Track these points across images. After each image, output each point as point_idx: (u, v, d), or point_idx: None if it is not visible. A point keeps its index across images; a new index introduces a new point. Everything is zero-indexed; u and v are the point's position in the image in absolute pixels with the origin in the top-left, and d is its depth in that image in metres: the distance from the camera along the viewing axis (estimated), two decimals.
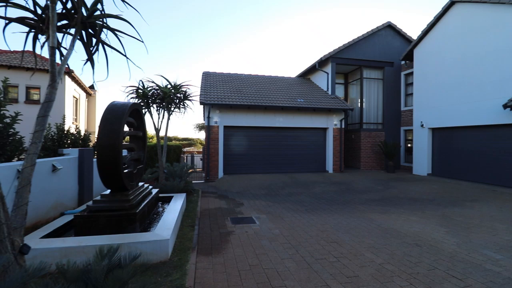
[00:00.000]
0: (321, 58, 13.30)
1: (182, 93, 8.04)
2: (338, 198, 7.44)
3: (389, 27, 14.40)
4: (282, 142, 11.98)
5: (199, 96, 10.56)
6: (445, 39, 10.94)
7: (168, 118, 7.99)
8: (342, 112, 12.33)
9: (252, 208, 6.35)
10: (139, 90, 7.11)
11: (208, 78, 13.15)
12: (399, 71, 14.33)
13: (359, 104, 14.18)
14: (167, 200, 5.97)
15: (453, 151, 10.75)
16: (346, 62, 13.62)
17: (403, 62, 14.17)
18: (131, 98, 7.12)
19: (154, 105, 7.52)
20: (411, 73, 13.26)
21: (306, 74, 15.82)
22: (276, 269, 3.30)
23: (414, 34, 12.50)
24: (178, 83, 7.93)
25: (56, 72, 2.51)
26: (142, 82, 7.25)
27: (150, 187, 5.49)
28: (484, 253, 3.77)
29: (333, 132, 12.27)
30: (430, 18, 11.60)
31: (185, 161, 20.53)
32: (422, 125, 11.85)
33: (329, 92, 13.35)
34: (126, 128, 4.51)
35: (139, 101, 7.23)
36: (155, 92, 7.39)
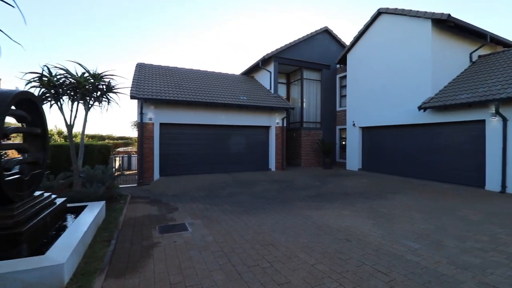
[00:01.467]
0: (264, 56, 13.30)
1: (104, 84, 6.93)
2: (278, 196, 7.39)
3: (326, 32, 15.28)
4: (224, 141, 11.57)
5: (130, 89, 9.42)
6: (373, 46, 12.02)
7: (86, 113, 6.80)
8: (284, 111, 12.55)
9: (187, 213, 5.79)
10: (44, 78, 5.81)
11: (143, 71, 11.90)
12: (335, 74, 15.33)
13: (299, 103, 14.69)
14: (80, 210, 4.98)
15: (379, 148, 11.91)
16: (288, 62, 13.93)
17: (338, 66, 15.21)
18: (31, 87, 5.77)
19: (66, 97, 6.27)
20: (345, 76, 14.29)
21: (250, 72, 15.72)
22: (202, 285, 2.88)
23: (349, 40, 13.47)
24: (99, 72, 6.81)
25: None
26: (48, 68, 5.95)
27: (54, 196, 4.46)
28: (405, 243, 4.01)
29: (276, 131, 12.39)
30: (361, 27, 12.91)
31: (119, 162, 18.43)
32: (354, 125, 12.85)
33: (272, 91, 13.46)
34: (16, 124, 3.50)
35: (44, 91, 5.92)
36: (67, 81, 6.16)
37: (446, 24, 9.54)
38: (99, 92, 7.04)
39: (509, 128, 7.48)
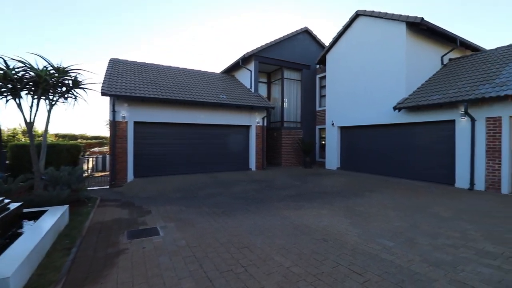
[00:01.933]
0: (244, 55, 13.13)
1: (70, 79, 6.45)
2: (257, 197, 7.26)
3: (306, 32, 15.39)
4: (203, 140, 11.27)
5: (101, 86, 8.89)
6: (351, 47, 12.23)
7: (50, 110, 6.29)
8: (265, 110, 12.45)
9: (161, 216, 5.50)
10: None
11: (116, 66, 11.32)
12: (315, 74, 15.48)
13: (280, 103, 14.67)
14: (40, 216, 4.55)
15: (357, 147, 12.15)
16: (268, 61, 13.86)
17: (318, 66, 15.37)
18: None
19: (25, 93, 5.75)
20: (324, 77, 14.46)
21: (231, 70, 15.49)
22: None
23: (328, 40, 13.63)
24: (64, 65, 6.32)
25: None
26: (5, 61, 5.41)
27: (7, 200, 4.04)
28: (380, 242, 4.01)
29: (256, 130, 12.27)
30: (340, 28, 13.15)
31: (93, 163, 17.53)
32: (333, 124, 13.02)
33: (252, 90, 13.33)
34: None
35: None
36: (27, 75, 5.64)
37: (419, 28, 9.87)
38: (64, 88, 6.55)
39: (477, 128, 7.85)
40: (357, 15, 11.89)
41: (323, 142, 14.79)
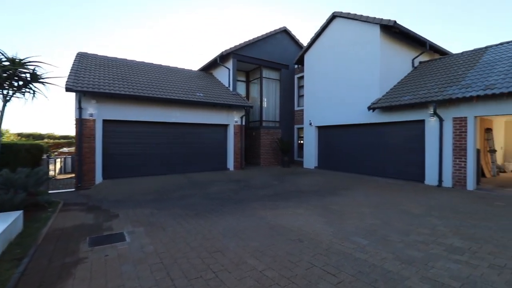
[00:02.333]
0: (222, 52, 12.88)
1: (28, 72, 5.88)
2: (234, 197, 7.08)
3: (285, 32, 15.44)
4: (179, 140, 10.88)
5: (66, 81, 8.26)
6: (328, 48, 12.40)
7: (4, 106, 5.69)
8: (243, 109, 12.28)
9: (129, 220, 5.15)
10: None
11: (84, 61, 10.60)
12: (294, 74, 15.57)
13: (259, 102, 14.58)
14: None
15: (333, 146, 12.34)
16: (247, 60, 13.71)
17: (296, 66, 15.47)
18: None
19: None
20: (303, 77, 14.57)
21: (208, 68, 15.14)
22: None
23: (307, 41, 13.71)
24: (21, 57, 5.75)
25: None
26: None
27: None
28: (354, 240, 4.00)
29: (234, 129, 12.07)
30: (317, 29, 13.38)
31: (61, 164, 16.44)
32: (310, 124, 13.14)
33: (231, 88, 13.11)
34: None
35: None
36: None
37: (392, 30, 10.20)
38: (21, 82, 5.96)
39: (445, 127, 8.23)
40: (334, 16, 12.07)
41: (301, 142, 14.90)
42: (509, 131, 12.43)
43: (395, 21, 9.58)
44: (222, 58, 13.42)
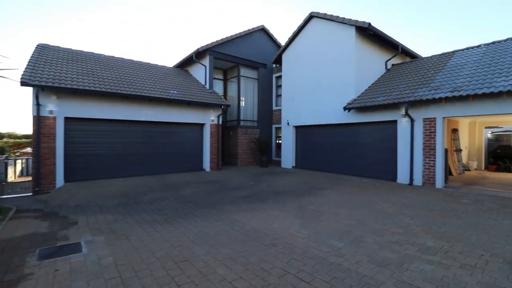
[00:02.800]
0: (198, 49, 12.43)
1: None
2: (208, 199, 6.77)
3: (263, 31, 15.27)
4: (151, 139, 10.33)
5: (22, 74, 7.46)
6: (305, 48, 12.42)
7: None
8: (220, 107, 11.94)
9: (89, 228, 4.67)
10: None
11: (45, 53, 9.70)
12: (272, 73, 15.46)
13: (236, 101, 14.30)
14: None
15: (311, 146, 12.39)
16: (224, 57, 13.37)
17: (274, 65, 15.38)
18: None
19: None
20: (281, 76, 14.50)
21: (184, 65, 14.59)
22: None
23: (284, 40, 13.61)
24: None
25: None
26: None
27: None
28: (329, 243, 3.89)
29: (211, 128, 11.70)
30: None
31: (22, 166, 15.13)
32: (288, 124, 13.10)
33: (207, 86, 12.71)
34: None
35: None
36: None
37: (367, 32, 10.39)
38: None
39: (416, 127, 8.48)
40: (311, 16, 12.10)
41: (280, 142, 14.84)
42: (472, 132, 13.22)
43: (369, 23, 9.76)
44: (198, 55, 12.98)
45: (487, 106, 7.06)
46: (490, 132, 13.92)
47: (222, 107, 11.89)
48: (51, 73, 8.28)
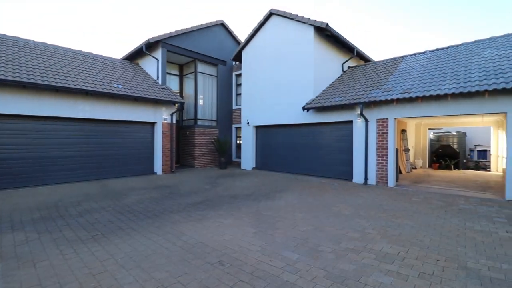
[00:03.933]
0: (148, 40, 11.30)
1: None
2: (153, 209, 5.95)
3: (222, 26, 14.63)
4: (94, 139, 9.05)
5: None
6: (265, 46, 12.11)
7: None
8: (173, 105, 11.02)
9: None
10: None
11: None
12: (232, 71, 14.90)
13: (193, 99, 13.44)
14: None
15: (270, 146, 12.11)
16: (179, 51, 12.43)
17: (234, 63, 14.83)
18: None
19: None
20: (241, 74, 14.03)
21: (134, 58, 13.24)
22: None
23: (244, 37, 13.10)
24: None
25: None
26: None
27: None
28: (284, 256, 3.47)
29: (163, 128, 10.72)
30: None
31: None
32: (248, 123, 12.67)
33: (159, 81, 11.65)
34: None
35: None
36: None
37: (325, 33, 10.43)
38: None
39: (370, 128, 8.65)
40: (271, 14, 11.83)
41: (240, 142, 14.36)
42: (418, 133, 14.24)
43: (327, 24, 9.77)
44: (148, 47, 11.83)
45: (434, 108, 7.42)
46: (432, 133, 15.18)
47: (176, 104, 10.99)
48: None
